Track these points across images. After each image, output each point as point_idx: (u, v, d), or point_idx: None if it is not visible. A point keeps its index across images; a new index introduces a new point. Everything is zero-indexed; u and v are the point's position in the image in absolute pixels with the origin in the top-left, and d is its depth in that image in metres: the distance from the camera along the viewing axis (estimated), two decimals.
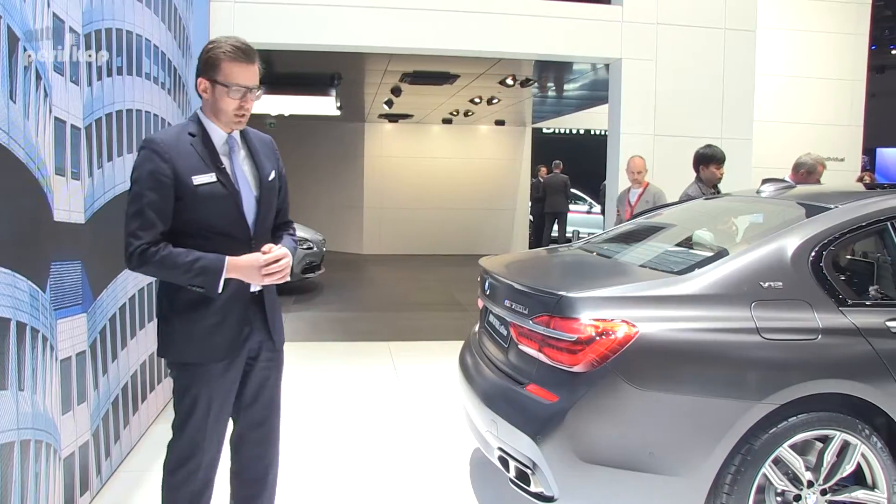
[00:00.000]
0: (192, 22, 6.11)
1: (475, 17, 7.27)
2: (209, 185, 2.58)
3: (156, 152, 2.55)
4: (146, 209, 2.51)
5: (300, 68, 10.37)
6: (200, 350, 2.65)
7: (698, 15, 7.71)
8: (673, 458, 2.94)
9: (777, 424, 2.97)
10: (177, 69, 5.57)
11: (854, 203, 3.40)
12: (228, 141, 2.69)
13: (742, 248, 3.25)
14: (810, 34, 11.03)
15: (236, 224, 2.64)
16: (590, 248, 4.20)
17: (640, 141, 7.63)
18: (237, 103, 2.60)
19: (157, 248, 2.51)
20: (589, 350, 2.89)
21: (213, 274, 2.55)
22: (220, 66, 2.57)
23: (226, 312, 2.64)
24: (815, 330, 3.03)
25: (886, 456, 3.07)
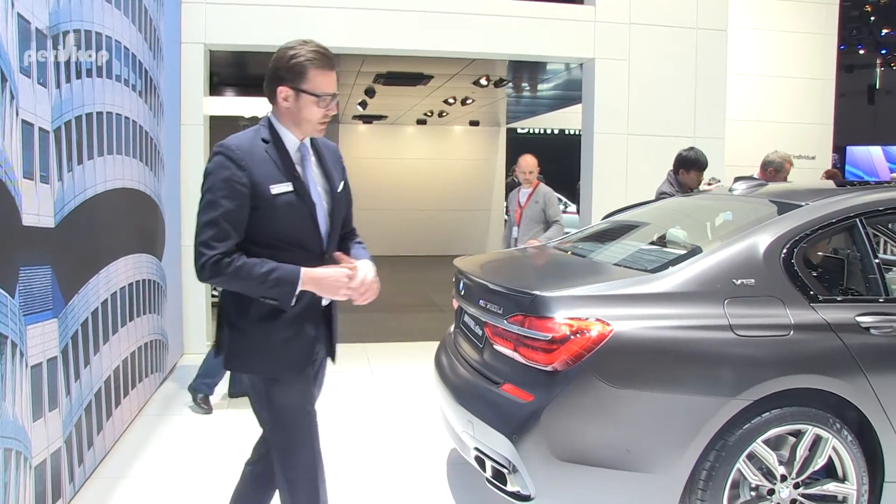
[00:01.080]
0: (162, 23, 6.06)
1: (448, 18, 7.27)
2: (286, 194, 2.49)
3: (231, 159, 2.44)
4: (220, 219, 2.41)
5: None
6: (278, 363, 2.56)
7: (670, 15, 7.76)
8: (649, 456, 2.95)
9: (751, 420, 3.00)
10: (148, 71, 5.52)
11: (824, 200, 3.44)
12: (301, 148, 2.60)
13: (715, 245, 3.27)
14: (780, 34, 11.16)
15: (310, 235, 2.56)
16: (564, 247, 4.21)
17: (613, 140, 7.66)
18: (323, 112, 2.53)
19: (231, 259, 2.41)
20: (563, 349, 2.90)
21: (289, 286, 2.44)
22: (307, 75, 2.49)
23: (300, 324, 2.56)
24: (787, 326, 3.06)
25: (856, 449, 3.11)
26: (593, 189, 7.68)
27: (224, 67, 10.04)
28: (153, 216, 5.78)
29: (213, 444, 4.68)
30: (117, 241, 4.77)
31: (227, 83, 11.79)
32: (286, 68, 2.50)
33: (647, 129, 7.68)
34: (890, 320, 3.17)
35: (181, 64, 6.77)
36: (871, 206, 3.43)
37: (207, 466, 4.32)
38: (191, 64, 6.89)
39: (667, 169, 6.14)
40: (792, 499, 3.11)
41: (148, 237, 5.61)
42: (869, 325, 3.14)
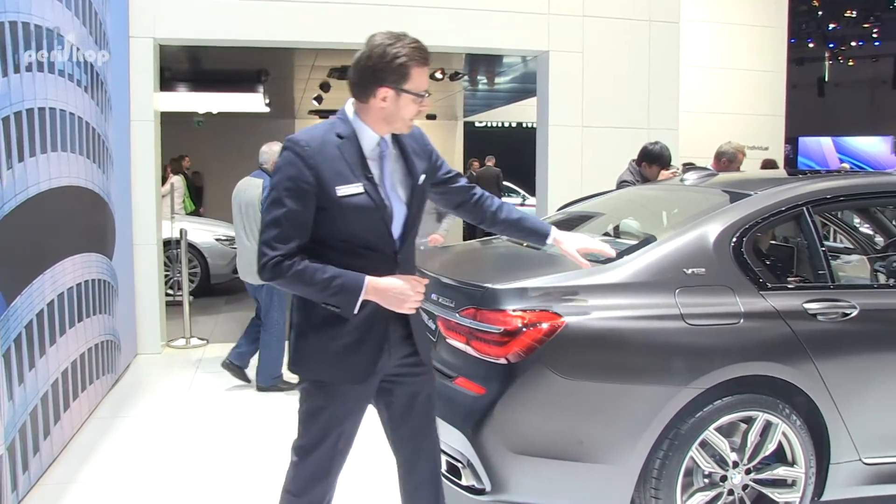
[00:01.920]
0: (109, 16, 5.93)
1: (401, 11, 7.21)
2: (354, 196, 2.35)
3: (299, 156, 2.32)
4: (283, 219, 2.31)
5: (227, 65, 10.19)
6: (336, 370, 2.44)
7: (624, 7, 7.79)
8: (602, 446, 2.96)
9: (703, 408, 3.02)
10: (93, 66, 5.40)
11: (773, 189, 3.48)
12: (380, 144, 2.45)
13: (666, 235, 3.28)
14: (732, 27, 11.30)
15: (382, 239, 2.42)
16: None
17: (568, 133, 7.67)
18: (418, 109, 2.41)
19: (293, 262, 2.30)
20: (515, 342, 2.88)
21: (351, 295, 2.34)
22: (411, 74, 2.34)
23: (364, 331, 2.42)
24: (737, 314, 3.09)
25: (805, 433, 3.16)
26: (549, 181, 7.69)
27: (176, 62, 9.88)
28: (102, 214, 5.66)
29: (166, 447, 4.61)
30: (64, 240, 4.66)
31: (180, 78, 11.61)
32: (390, 69, 2.33)
33: (601, 121, 7.70)
34: (836, 306, 3.21)
35: (129, 59, 6.63)
36: (818, 195, 3.48)
37: (158, 470, 4.25)
38: (139, 59, 6.75)
39: (622, 160, 6.17)
40: (744, 484, 3.14)
41: (97, 236, 5.49)
42: (816, 312, 3.18)
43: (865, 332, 3.25)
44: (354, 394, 2.48)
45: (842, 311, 3.22)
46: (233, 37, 7.10)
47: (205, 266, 9.62)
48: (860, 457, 3.24)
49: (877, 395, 3.24)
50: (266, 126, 15.83)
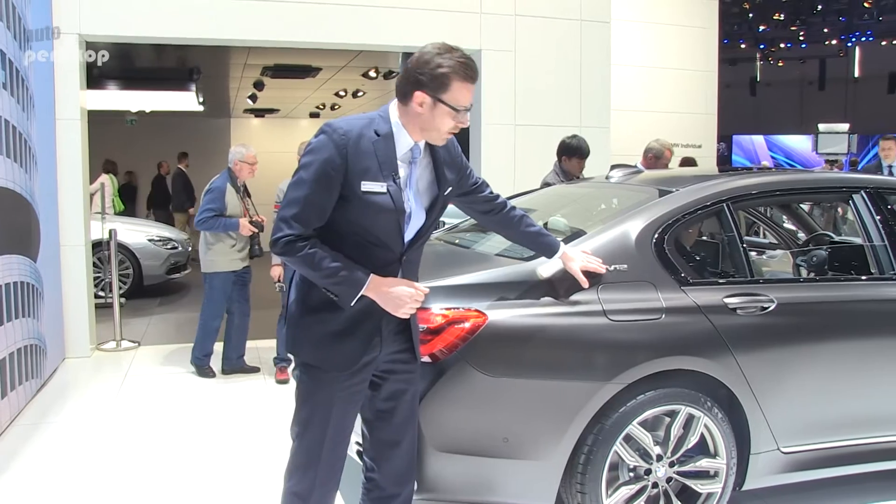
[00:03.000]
0: (29, 11, 5.76)
1: (333, 9, 7.17)
2: (377, 194, 2.39)
3: (334, 143, 2.36)
4: (305, 200, 2.36)
5: (157, 62, 9.99)
6: (322, 355, 2.50)
7: (555, 7, 7.86)
8: (527, 443, 2.98)
9: (626, 403, 3.07)
10: (13, 62, 5.24)
11: (694, 186, 3.55)
12: (413, 149, 2.49)
13: (589, 232, 3.32)
14: (664, 27, 11.47)
15: (392, 239, 2.47)
16: (449, 238, 4.21)
17: (501, 131, 7.72)
18: (455, 124, 2.43)
19: (305, 244, 2.37)
20: (438, 339, 2.88)
21: (353, 288, 2.40)
22: (451, 86, 2.37)
23: (356, 322, 2.47)
24: (658, 310, 3.14)
25: (727, 425, 3.23)
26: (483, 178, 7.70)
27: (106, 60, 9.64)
28: (25, 215, 5.50)
29: (91, 453, 4.50)
30: None
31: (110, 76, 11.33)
32: (430, 76, 2.37)
33: (534, 119, 7.76)
34: (755, 301, 3.29)
35: (54, 56, 6.45)
36: (738, 192, 3.57)
37: (82, 476, 4.15)
38: (64, 56, 6.57)
39: (553, 158, 6.23)
40: (668, 477, 3.20)
41: (19, 237, 5.34)
42: (735, 306, 3.25)
43: (783, 325, 3.33)
44: (342, 382, 2.51)
45: (760, 305, 3.30)
46: (162, 34, 6.96)
47: (138, 267, 9.44)
48: (778, 446, 3.34)
49: (793, 386, 3.33)
50: (201, 125, 15.60)
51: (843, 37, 24.71)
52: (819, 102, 26.78)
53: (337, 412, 2.53)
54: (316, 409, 2.54)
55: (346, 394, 2.53)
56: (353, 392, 2.55)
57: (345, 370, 2.50)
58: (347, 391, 2.53)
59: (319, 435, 2.54)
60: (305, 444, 2.57)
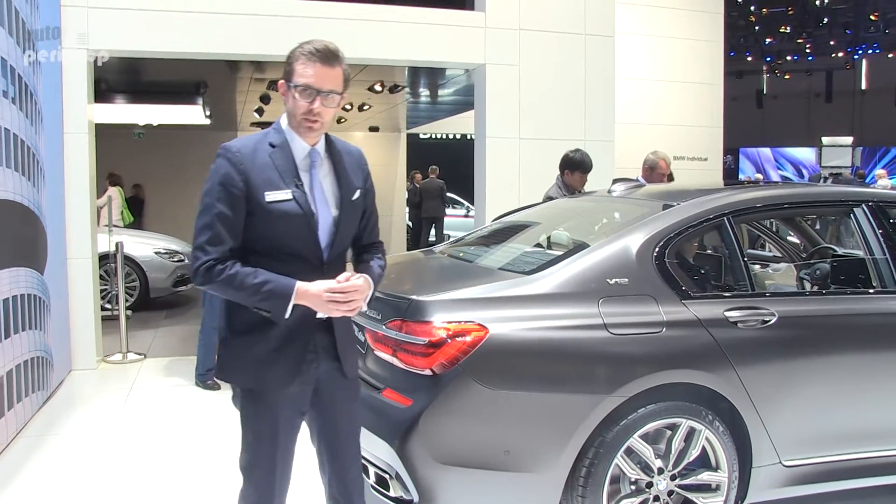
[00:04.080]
0: (38, 27, 5.82)
1: (339, 24, 7.22)
2: (283, 202, 2.38)
3: (230, 162, 2.38)
4: (215, 222, 2.35)
5: (165, 76, 10.06)
6: (259, 376, 2.44)
7: (559, 21, 7.90)
8: (528, 456, 2.99)
9: (627, 416, 3.08)
10: (22, 77, 5.30)
11: (695, 200, 3.57)
12: (311, 155, 2.48)
13: (590, 246, 3.34)
14: (669, 40, 11.50)
15: (308, 247, 2.43)
16: (453, 251, 4.24)
17: (505, 144, 7.74)
18: (306, 106, 2.39)
19: (224, 266, 2.34)
20: (440, 353, 2.91)
21: (281, 299, 2.35)
22: (295, 67, 2.40)
23: (287, 338, 2.43)
24: (659, 323, 3.15)
25: (728, 438, 3.24)
26: (486, 192, 7.74)
27: (114, 74, 9.73)
28: (33, 228, 5.55)
29: (96, 464, 4.52)
30: None
31: (118, 90, 11.43)
32: (286, 64, 2.44)
33: (538, 133, 7.79)
34: (756, 314, 3.30)
35: (62, 70, 6.52)
36: (738, 206, 3.59)
37: (87, 488, 4.17)
38: (72, 70, 6.64)
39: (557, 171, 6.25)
40: (669, 490, 3.21)
41: (27, 250, 5.38)
42: (736, 320, 3.26)
43: (784, 339, 3.34)
44: (283, 401, 2.47)
45: (761, 319, 3.31)
46: (169, 48, 7.02)
47: (144, 280, 9.48)
48: (780, 460, 3.34)
49: (795, 400, 3.33)
50: (208, 138, 15.56)
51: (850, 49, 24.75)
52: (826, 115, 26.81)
53: (283, 433, 2.50)
54: (261, 434, 2.49)
55: (288, 413, 2.50)
56: (295, 412, 2.52)
57: (282, 388, 2.46)
58: (289, 410, 2.50)
59: (270, 461, 2.50)
60: (259, 474, 2.51)
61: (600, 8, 8.10)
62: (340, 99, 2.47)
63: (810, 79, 27.33)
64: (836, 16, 21.96)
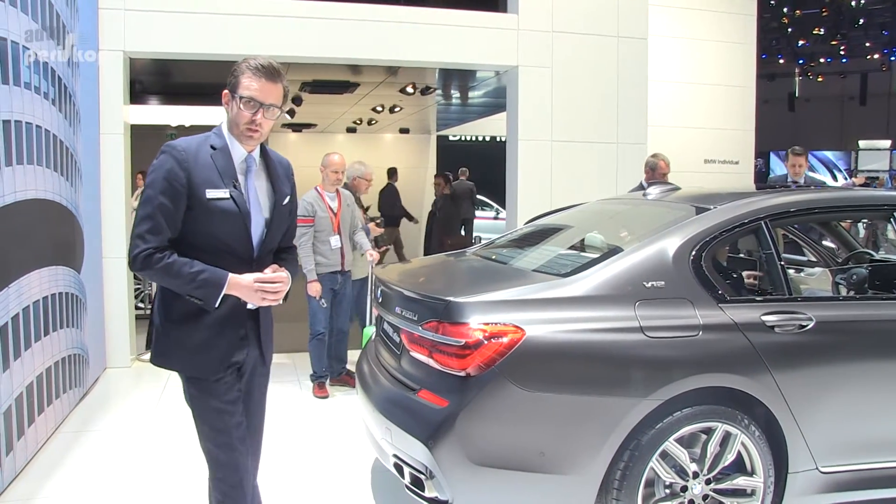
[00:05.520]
0: (78, 29, 5.92)
1: (372, 26, 7.26)
2: (221, 200, 2.58)
3: (174, 158, 2.56)
4: (156, 213, 2.52)
5: (197, 78, 10.15)
6: (193, 363, 2.66)
7: (592, 23, 7.88)
8: (563, 458, 2.99)
9: (663, 419, 3.07)
10: (62, 79, 5.38)
11: (732, 203, 3.54)
12: (247, 160, 2.68)
13: (626, 249, 3.33)
14: (701, 42, 11.42)
15: (241, 243, 2.64)
16: (486, 253, 4.24)
17: (537, 147, 7.74)
18: (248, 117, 2.58)
19: (163, 255, 2.52)
20: (477, 354, 2.92)
21: (214, 288, 2.55)
22: (240, 80, 2.59)
23: (221, 327, 2.64)
24: (696, 327, 3.14)
25: (763, 443, 3.21)
26: (518, 195, 7.74)
27: (148, 75, 9.84)
28: (70, 227, 5.63)
29: (131, 461, 4.58)
30: (30, 253, 4.63)
31: (152, 91, 11.55)
32: (231, 75, 2.63)
33: (570, 136, 7.78)
34: (793, 318, 3.28)
35: (99, 72, 6.62)
36: (776, 209, 3.56)
37: (123, 484, 4.22)
38: (109, 72, 6.74)
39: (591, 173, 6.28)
40: (704, 494, 3.19)
41: (64, 249, 5.46)
42: (773, 324, 3.24)
43: (821, 344, 3.31)
44: (223, 386, 2.68)
45: (798, 324, 3.28)
46: (203, 50, 7.10)
47: None
48: (817, 466, 3.30)
49: (832, 405, 3.30)
50: None
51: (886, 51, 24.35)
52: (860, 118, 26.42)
53: (236, 413, 2.71)
54: (213, 419, 2.70)
55: (231, 396, 2.71)
56: (234, 394, 2.72)
57: (213, 375, 2.66)
58: (230, 394, 2.70)
59: (230, 442, 2.69)
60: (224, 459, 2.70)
61: (633, 10, 8.07)
62: (279, 112, 2.68)
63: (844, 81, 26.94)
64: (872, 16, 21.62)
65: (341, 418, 5.42)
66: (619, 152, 7.21)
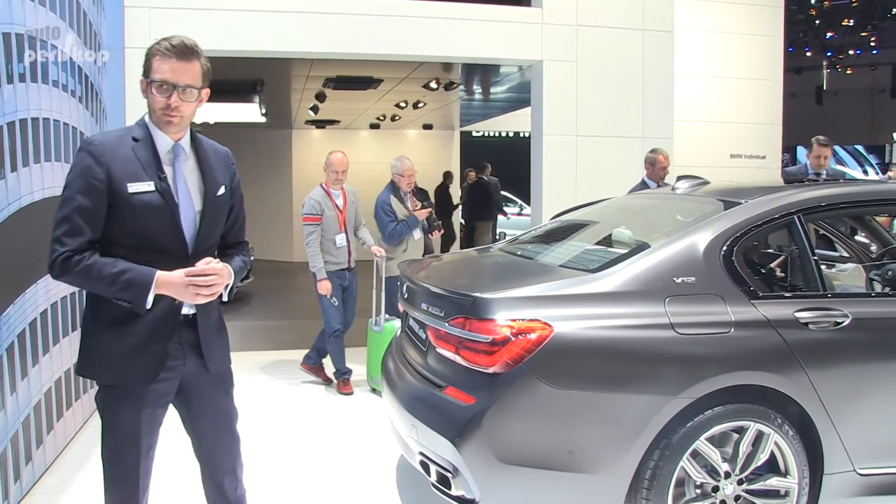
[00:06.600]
0: (104, 28, 5.94)
1: (395, 21, 7.24)
2: (145, 194, 2.40)
3: (91, 154, 2.38)
4: (74, 214, 2.34)
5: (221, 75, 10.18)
6: (121, 371, 2.44)
7: (617, 16, 7.81)
8: (592, 456, 2.95)
9: (693, 418, 3.02)
10: (88, 77, 5.40)
11: (763, 197, 3.48)
12: (174, 149, 2.50)
13: (655, 244, 3.28)
14: (727, 35, 11.29)
15: (172, 238, 2.45)
16: (511, 249, 4.20)
17: (562, 142, 7.68)
18: (164, 101, 2.40)
19: (82, 257, 2.33)
20: (504, 351, 2.88)
21: (141, 288, 2.35)
22: (152, 63, 2.42)
23: (152, 333, 2.43)
24: (727, 323, 3.08)
25: (797, 443, 3.15)
26: (543, 190, 7.69)
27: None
28: None
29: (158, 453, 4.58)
30: None
31: None
32: (144, 61, 2.46)
33: (595, 131, 7.72)
34: (828, 315, 3.21)
35: (125, 69, 6.64)
36: (809, 203, 3.48)
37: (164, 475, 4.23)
38: (135, 69, 6.74)
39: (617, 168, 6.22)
40: (736, 495, 3.13)
41: None
42: (808, 321, 3.17)
43: (858, 341, 3.24)
44: (146, 396, 2.47)
45: (834, 321, 3.21)
46: (228, 47, 7.11)
47: None
48: (854, 467, 3.23)
49: (871, 405, 3.23)
50: (263, 136, 15.87)
51: None
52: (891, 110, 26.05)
53: (145, 428, 2.51)
54: (124, 430, 2.50)
55: (150, 409, 2.50)
56: (156, 405, 2.52)
57: (146, 384, 2.46)
58: (151, 406, 2.50)
59: (131, 459, 2.52)
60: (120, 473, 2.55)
61: (659, 3, 8.00)
62: (200, 93, 2.50)
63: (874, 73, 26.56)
64: None
65: (367, 415, 5.41)
66: (644, 147, 7.11)
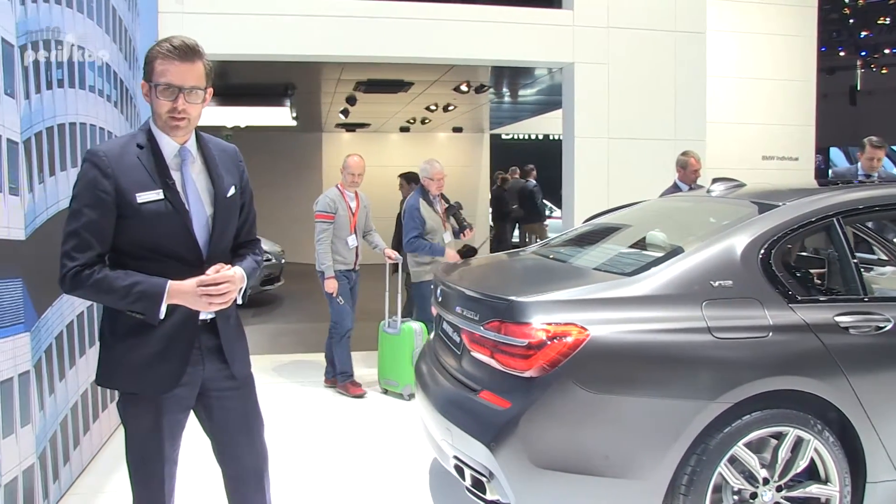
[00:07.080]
0: (138, 33, 6.01)
1: (426, 24, 7.25)
2: (155, 202, 2.35)
3: (97, 166, 2.33)
4: (82, 229, 2.31)
5: (253, 79, 10.27)
6: (142, 380, 2.42)
7: (649, 18, 7.77)
8: (628, 461, 2.92)
9: (731, 423, 2.98)
10: (123, 81, 5.46)
11: (801, 200, 3.43)
12: (181, 153, 2.45)
13: (692, 248, 3.25)
14: (759, 36, 11.18)
15: (185, 245, 2.40)
16: (545, 252, 4.18)
17: (594, 144, 7.65)
18: (169, 104, 2.36)
19: (92, 271, 2.30)
20: (540, 355, 2.87)
21: (153, 300, 2.31)
22: (154, 66, 2.36)
23: (170, 340, 2.40)
24: (765, 327, 3.04)
25: (838, 450, 3.09)
26: (575, 193, 7.67)
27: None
28: None
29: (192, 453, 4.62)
30: None
31: None
32: (145, 64, 2.41)
33: (627, 133, 7.68)
34: (869, 320, 3.15)
35: None
36: (848, 206, 3.43)
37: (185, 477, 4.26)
38: None
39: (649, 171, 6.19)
40: (775, 502, 3.08)
41: None
42: (848, 325, 3.12)
43: None
44: (167, 403, 2.45)
45: (875, 325, 3.16)
46: (260, 51, 7.17)
47: None
48: None
49: None
50: (294, 140, 15.97)
51: None
52: None
53: (167, 434, 2.48)
54: (147, 437, 2.47)
55: (172, 415, 2.47)
56: (178, 411, 2.50)
57: (166, 391, 2.43)
58: (173, 412, 2.47)
59: (155, 465, 2.50)
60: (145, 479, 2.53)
61: (691, 4, 7.94)
62: (206, 94, 2.44)
63: None
64: None
65: (386, 417, 5.42)
66: (676, 149, 7.04)
